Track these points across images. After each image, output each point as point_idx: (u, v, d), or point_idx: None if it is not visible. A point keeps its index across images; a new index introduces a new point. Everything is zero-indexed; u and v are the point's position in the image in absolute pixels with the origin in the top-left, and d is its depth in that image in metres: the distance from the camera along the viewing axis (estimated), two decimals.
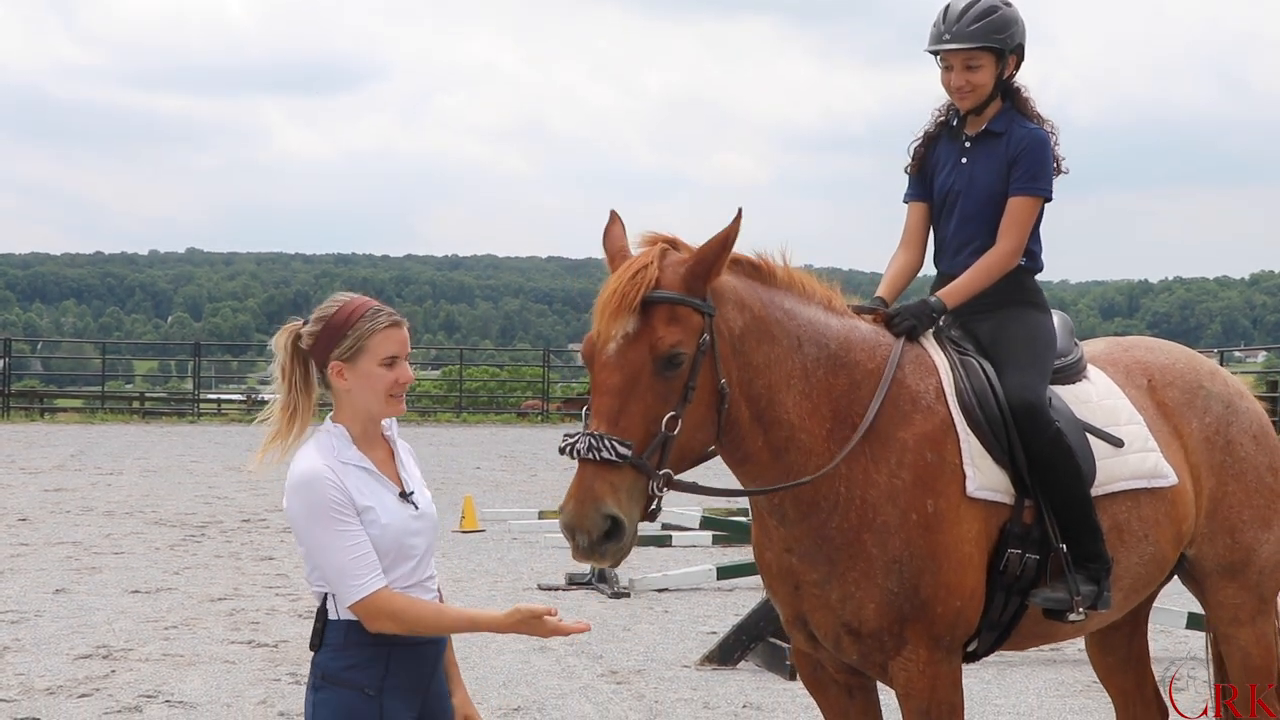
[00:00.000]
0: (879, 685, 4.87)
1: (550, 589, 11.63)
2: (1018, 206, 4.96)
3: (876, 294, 5.07)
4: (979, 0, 4.98)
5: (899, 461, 4.50)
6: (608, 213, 4.45)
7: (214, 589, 11.38)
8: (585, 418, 4.14)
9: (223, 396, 44.18)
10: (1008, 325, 4.93)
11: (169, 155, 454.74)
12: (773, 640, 8.68)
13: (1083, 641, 6.15)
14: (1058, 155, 5.06)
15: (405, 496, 3.92)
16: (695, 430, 4.20)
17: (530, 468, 23.39)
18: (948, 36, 4.97)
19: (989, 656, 4.91)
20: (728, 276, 4.34)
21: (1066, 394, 4.97)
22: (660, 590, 11.55)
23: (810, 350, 4.48)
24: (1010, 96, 5.07)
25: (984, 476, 4.59)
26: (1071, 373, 5.08)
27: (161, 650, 9.08)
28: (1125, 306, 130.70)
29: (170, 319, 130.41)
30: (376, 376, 3.85)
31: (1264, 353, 55.73)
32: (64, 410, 37.37)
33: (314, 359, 3.90)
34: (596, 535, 4.00)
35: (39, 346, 67.61)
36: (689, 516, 13.45)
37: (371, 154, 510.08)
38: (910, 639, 4.49)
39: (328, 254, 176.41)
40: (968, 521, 4.54)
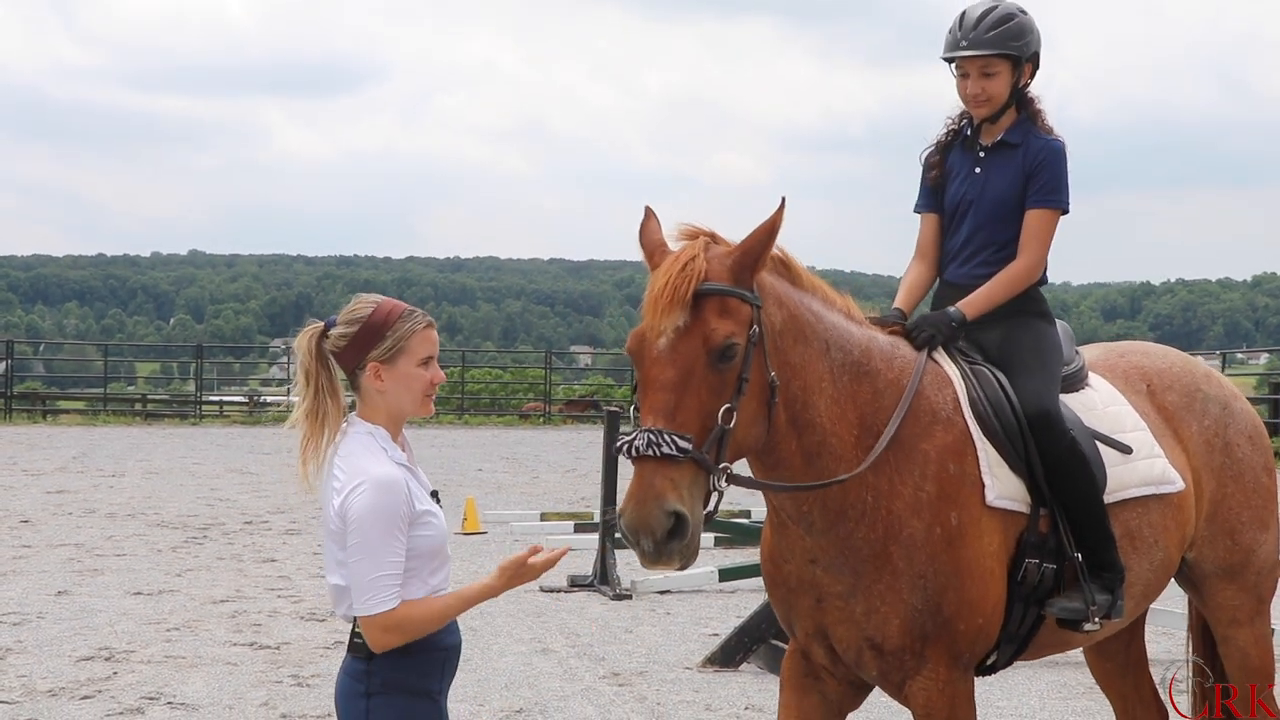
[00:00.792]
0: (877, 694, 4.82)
1: (552, 591, 11.63)
2: (1038, 220, 4.92)
3: (894, 305, 5.02)
4: (996, 7, 4.92)
5: (923, 474, 4.45)
6: (643, 209, 4.32)
7: (216, 591, 11.38)
8: (634, 416, 4.04)
9: (225, 398, 44.15)
10: (1015, 334, 4.89)
11: (169, 156, 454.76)
12: (775, 642, 8.68)
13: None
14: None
15: (434, 497, 3.96)
16: (750, 425, 4.11)
17: (532, 470, 23.39)
18: (964, 43, 4.89)
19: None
20: (765, 274, 4.27)
21: (1073, 402, 4.92)
22: (662, 592, 11.55)
23: (837, 356, 4.42)
24: (1024, 107, 5.01)
25: (1002, 485, 4.54)
26: (1075, 381, 5.04)
27: (163, 652, 9.08)
28: (1127, 309, 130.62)
29: (172, 321, 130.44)
30: (414, 377, 3.87)
31: (1266, 355, 55.78)
32: (66, 412, 37.38)
33: (343, 360, 3.87)
34: (661, 534, 3.86)
35: (41, 348, 67.73)
36: None
37: (372, 154, 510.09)
38: (931, 658, 4.43)
39: (330, 256, 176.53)
40: (989, 534, 4.49)
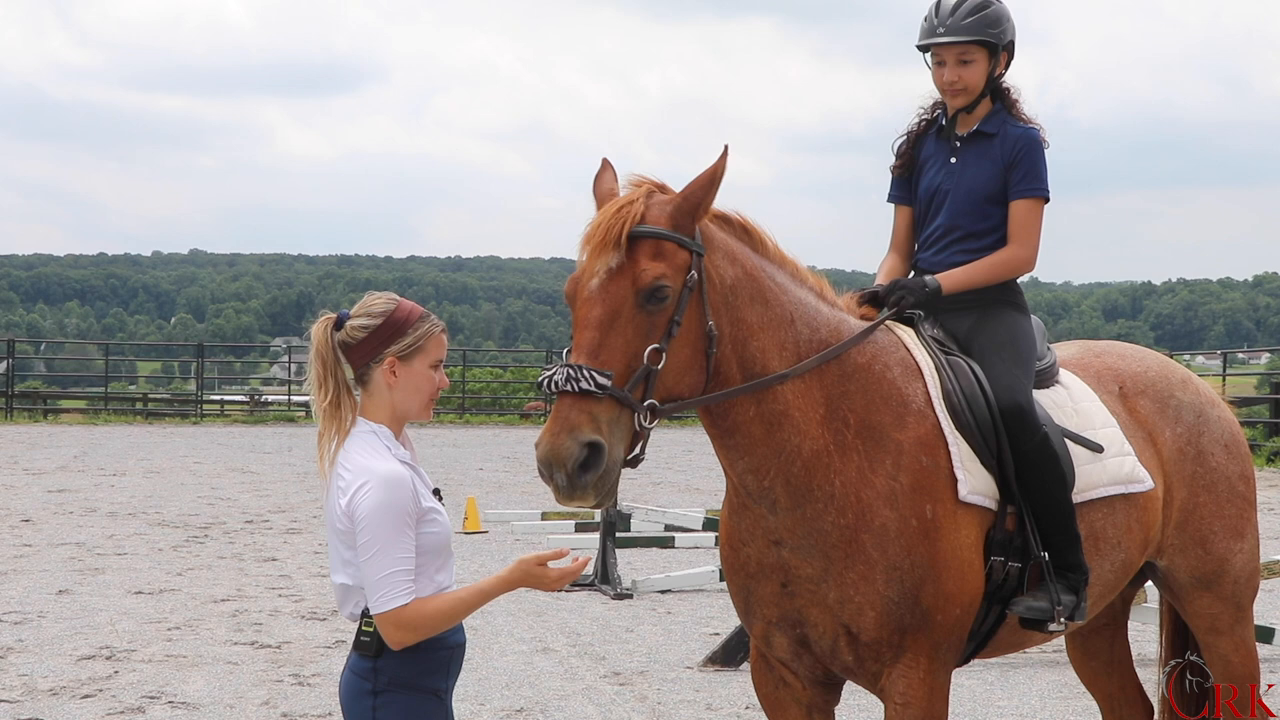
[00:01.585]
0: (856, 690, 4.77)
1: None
2: (1024, 210, 4.89)
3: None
4: None
5: (896, 464, 4.36)
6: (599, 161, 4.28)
7: (217, 590, 11.39)
8: (564, 356, 3.95)
9: (226, 398, 44.25)
10: (989, 324, 4.81)
11: (170, 156, 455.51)
12: None
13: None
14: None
15: (437, 494, 3.96)
16: (682, 372, 4.02)
17: (533, 469, 23.26)
18: (941, 30, 4.89)
19: (972, 661, 4.81)
20: (716, 229, 4.23)
21: (1043, 399, 4.82)
22: (663, 591, 11.55)
23: (803, 330, 4.33)
24: (1000, 97, 5.00)
25: (974, 480, 4.46)
26: (1046, 377, 4.95)
27: (164, 651, 9.08)
28: (1128, 308, 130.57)
29: (173, 320, 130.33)
30: (425, 378, 3.88)
31: (1267, 354, 55.73)
32: (67, 411, 37.42)
33: (357, 352, 3.86)
34: (573, 466, 3.78)
35: (42, 348, 67.74)
36: (692, 518, 13.40)
37: (372, 154, 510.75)
38: (910, 648, 4.35)
39: (331, 255, 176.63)
40: (964, 528, 4.42)
